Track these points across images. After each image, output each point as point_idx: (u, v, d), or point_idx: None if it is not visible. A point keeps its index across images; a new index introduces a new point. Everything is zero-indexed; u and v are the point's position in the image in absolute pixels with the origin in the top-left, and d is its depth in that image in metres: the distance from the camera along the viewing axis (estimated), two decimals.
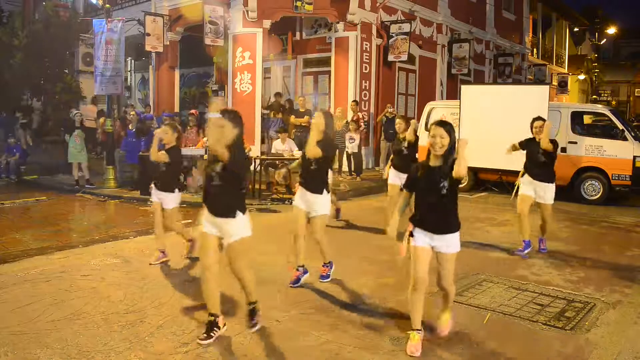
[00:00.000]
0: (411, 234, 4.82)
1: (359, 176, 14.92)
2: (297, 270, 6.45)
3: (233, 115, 4.72)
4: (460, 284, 6.45)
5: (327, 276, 6.59)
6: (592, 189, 12.67)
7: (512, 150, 8.05)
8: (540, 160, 7.71)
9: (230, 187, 4.82)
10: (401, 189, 5.31)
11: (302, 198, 6.41)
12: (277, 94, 17.19)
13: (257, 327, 5.06)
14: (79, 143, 13.97)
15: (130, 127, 13.93)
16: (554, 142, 7.75)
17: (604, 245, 8.79)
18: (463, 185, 14.18)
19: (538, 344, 4.92)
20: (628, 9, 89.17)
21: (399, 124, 9.10)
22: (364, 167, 15.85)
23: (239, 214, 4.82)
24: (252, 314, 5.11)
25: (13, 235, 9.00)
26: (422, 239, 4.76)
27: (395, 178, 9.10)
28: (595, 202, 12.56)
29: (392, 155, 9.47)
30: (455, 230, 4.79)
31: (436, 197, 4.66)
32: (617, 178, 12.37)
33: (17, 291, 6.04)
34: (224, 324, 4.96)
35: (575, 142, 12.78)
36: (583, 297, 6.17)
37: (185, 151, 13.53)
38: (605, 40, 45.65)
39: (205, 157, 12.38)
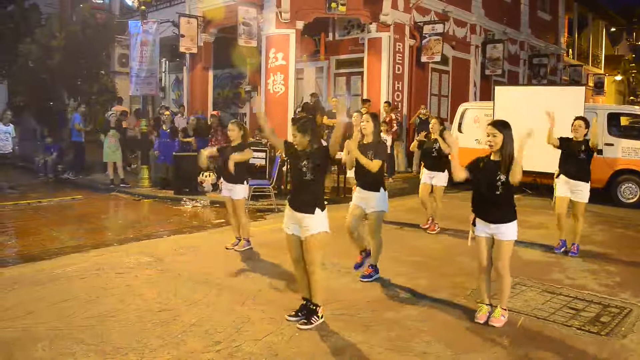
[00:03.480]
0: (473, 223, 5.37)
1: (392, 177, 14.86)
2: (360, 254, 6.87)
3: None
4: (492, 287, 6.38)
5: (370, 276, 6.68)
6: (629, 192, 12.44)
7: (551, 141, 7.87)
8: (579, 157, 7.74)
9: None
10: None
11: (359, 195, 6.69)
12: (313, 95, 17.24)
13: (306, 327, 5.12)
14: (114, 143, 14.20)
15: (163, 128, 14.08)
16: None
17: None
18: None
19: (572, 348, 4.85)
20: None
21: (434, 124, 9.34)
22: (396, 168, 15.78)
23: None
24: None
25: (50, 233, 9.18)
26: (481, 228, 5.30)
27: (427, 177, 9.44)
28: (632, 205, 12.32)
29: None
30: (511, 219, 5.20)
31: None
32: None
33: (54, 288, 6.17)
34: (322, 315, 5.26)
35: (612, 144, 12.56)
36: (619, 302, 6.06)
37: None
38: None
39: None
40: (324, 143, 12.88)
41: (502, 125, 5.13)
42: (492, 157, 5.18)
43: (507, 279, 5.31)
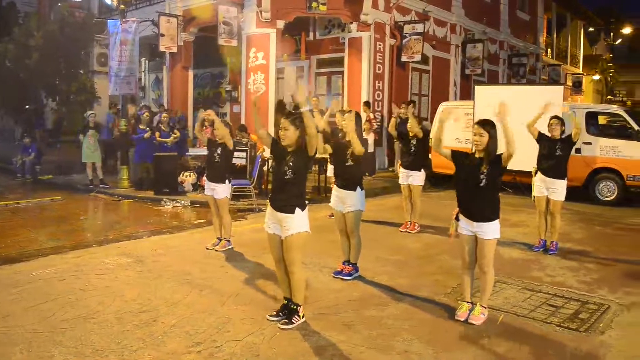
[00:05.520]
0: (457, 218, 5.45)
1: (372, 176, 14.89)
2: (343, 264, 6.81)
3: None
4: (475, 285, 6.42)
5: (349, 274, 6.72)
6: (607, 190, 12.58)
7: (531, 129, 8.02)
8: (555, 154, 7.91)
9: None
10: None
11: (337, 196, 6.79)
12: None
13: (287, 327, 5.12)
14: (93, 143, 14.05)
15: (141, 127, 13.88)
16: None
17: (619, 247, 8.71)
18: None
19: (552, 345, 4.89)
20: None
21: (412, 125, 9.27)
22: (377, 167, 15.81)
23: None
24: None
25: (28, 235, 9.06)
26: (465, 227, 5.38)
27: (403, 177, 9.47)
28: (610, 203, 12.46)
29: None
30: (494, 218, 5.29)
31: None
32: (632, 179, 12.27)
33: (32, 290, 6.09)
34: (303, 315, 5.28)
35: (590, 143, 12.69)
36: (597, 298, 6.13)
37: (197, 151, 13.64)
38: (620, 40, 45.21)
39: None
40: None
41: (489, 125, 5.30)
42: (476, 155, 5.33)
43: (490, 276, 5.42)
